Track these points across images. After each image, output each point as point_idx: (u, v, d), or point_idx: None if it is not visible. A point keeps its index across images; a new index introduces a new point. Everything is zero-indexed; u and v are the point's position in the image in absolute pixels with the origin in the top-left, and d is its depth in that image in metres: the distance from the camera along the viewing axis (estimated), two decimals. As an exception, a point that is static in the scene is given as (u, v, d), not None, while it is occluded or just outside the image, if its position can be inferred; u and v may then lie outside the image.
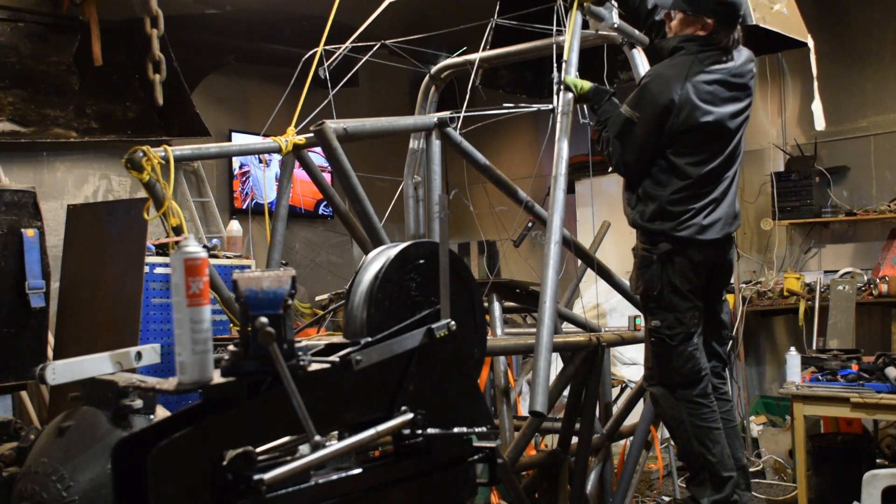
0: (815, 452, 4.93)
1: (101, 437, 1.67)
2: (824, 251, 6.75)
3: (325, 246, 7.92)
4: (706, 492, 3.19)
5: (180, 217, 3.04)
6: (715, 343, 3.43)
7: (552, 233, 3.05)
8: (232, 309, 3.43)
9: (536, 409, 2.70)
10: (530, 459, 3.70)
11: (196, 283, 1.46)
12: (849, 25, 6.71)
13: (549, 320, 2.88)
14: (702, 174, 3.16)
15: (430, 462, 1.70)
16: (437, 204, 3.56)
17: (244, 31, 6.79)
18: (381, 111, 7.09)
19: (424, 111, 4.31)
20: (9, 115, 5.50)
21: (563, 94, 3.38)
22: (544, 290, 2.95)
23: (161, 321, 4.60)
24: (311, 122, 3.41)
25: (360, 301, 1.77)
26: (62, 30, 5.80)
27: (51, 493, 1.61)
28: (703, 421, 3.19)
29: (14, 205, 3.83)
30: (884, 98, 6.55)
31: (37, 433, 1.98)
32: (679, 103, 3.09)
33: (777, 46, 5.04)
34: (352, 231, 3.87)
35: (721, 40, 3.17)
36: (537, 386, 2.71)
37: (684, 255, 3.18)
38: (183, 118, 6.12)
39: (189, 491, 1.33)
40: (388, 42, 4.21)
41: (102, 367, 1.89)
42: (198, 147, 3.50)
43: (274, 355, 1.39)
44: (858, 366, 4.51)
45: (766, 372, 6.94)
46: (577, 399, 3.64)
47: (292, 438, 1.60)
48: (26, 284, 3.80)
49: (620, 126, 3.21)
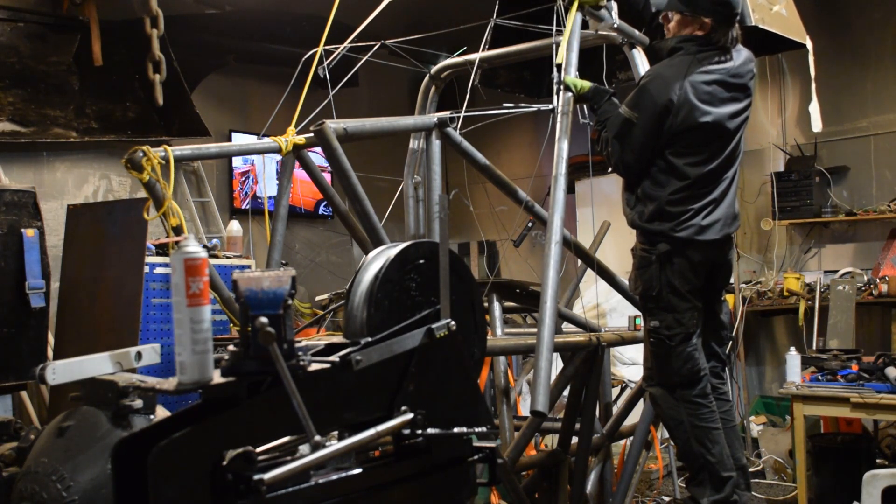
0: (815, 452, 4.93)
1: (101, 437, 1.67)
2: (824, 251, 6.75)
3: (325, 246, 7.92)
4: (706, 492, 3.19)
5: (180, 217, 3.04)
6: (714, 343, 3.43)
7: (553, 233, 3.05)
8: (232, 309, 3.43)
9: (538, 409, 2.70)
10: (530, 459, 3.70)
11: (196, 283, 1.46)
12: (848, 25, 6.71)
13: (549, 320, 2.88)
14: (701, 175, 3.16)
15: (430, 462, 1.70)
16: (437, 204, 3.56)
17: (244, 31, 6.79)
18: (381, 111, 7.10)
19: (424, 111, 4.31)
20: (9, 115, 5.50)
21: (563, 94, 3.38)
22: (545, 289, 2.95)
23: (161, 321, 4.60)
24: (311, 122, 3.40)
25: (360, 301, 1.77)
26: (62, 30, 5.80)
27: (51, 493, 1.61)
28: (702, 421, 3.19)
29: (14, 205, 3.83)
30: (884, 98, 6.55)
31: (37, 433, 1.98)
32: (678, 103, 3.10)
33: (776, 48, 5.04)
34: (352, 231, 3.87)
35: (719, 39, 3.18)
36: (538, 386, 2.71)
37: (683, 256, 3.18)
38: (183, 118, 6.12)
39: (189, 491, 1.33)
40: (388, 42, 4.21)
41: (102, 367, 1.89)
42: (198, 147, 3.50)
43: (274, 355, 1.39)
44: (858, 366, 4.51)
45: (766, 372, 6.94)
46: (577, 399, 3.64)
47: (292, 438, 1.60)
48: (26, 284, 3.80)
49: (619, 126, 3.21)
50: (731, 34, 3.21)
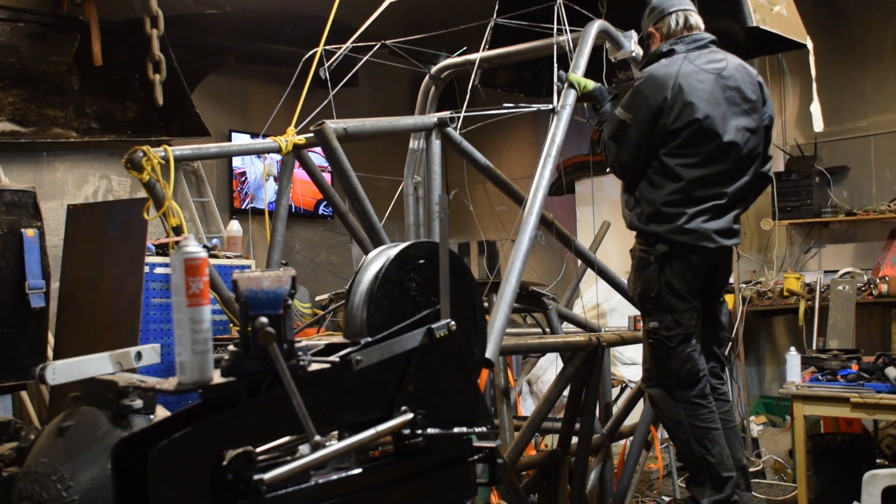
0: (815, 452, 4.93)
1: (101, 437, 1.67)
2: (824, 251, 6.75)
3: (325, 246, 7.92)
4: (706, 492, 3.19)
5: (180, 217, 3.05)
6: (713, 344, 3.43)
7: (533, 208, 3.15)
8: (232, 309, 3.43)
9: (486, 357, 2.66)
10: (530, 459, 3.70)
11: (196, 283, 1.46)
12: (849, 25, 6.71)
13: (514, 279, 2.96)
14: (695, 177, 3.15)
15: (430, 462, 1.70)
16: (437, 204, 3.56)
17: (244, 31, 6.79)
18: (381, 111, 7.09)
19: (424, 111, 4.31)
20: (9, 115, 5.50)
21: (566, 90, 3.42)
22: (513, 260, 3.01)
23: (161, 321, 4.60)
24: (311, 122, 3.41)
25: (360, 301, 1.77)
26: (62, 30, 5.80)
27: (51, 493, 1.61)
28: (701, 421, 3.19)
29: (14, 205, 3.82)
30: (884, 98, 6.55)
31: (37, 433, 1.98)
32: (671, 101, 3.12)
33: (776, 48, 5.05)
34: (352, 231, 3.87)
35: (677, 32, 3.31)
36: (491, 335, 2.71)
37: (682, 257, 3.18)
38: (183, 118, 6.12)
39: (189, 491, 1.33)
40: (388, 42, 4.21)
41: (102, 367, 1.89)
42: (198, 147, 3.51)
43: (274, 355, 1.39)
44: (858, 366, 4.51)
45: (766, 372, 6.94)
46: (577, 399, 3.65)
47: (292, 438, 1.60)
48: (26, 284, 3.80)
49: (614, 128, 3.24)
50: (689, 21, 3.33)
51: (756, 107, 3.27)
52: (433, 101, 4.36)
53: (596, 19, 3.73)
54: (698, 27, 3.35)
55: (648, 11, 3.43)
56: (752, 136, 3.25)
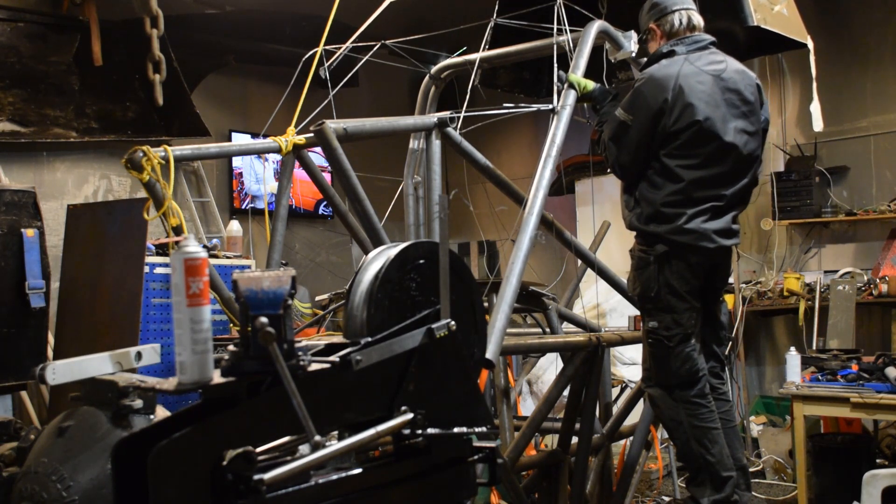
0: (815, 452, 4.93)
1: (101, 437, 1.67)
2: (824, 251, 6.75)
3: (325, 246, 7.92)
4: (706, 492, 3.19)
5: (180, 217, 3.05)
6: (713, 344, 3.43)
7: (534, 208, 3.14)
8: (232, 309, 3.43)
9: (487, 357, 2.66)
10: (530, 459, 3.70)
11: (196, 283, 1.46)
12: (849, 25, 6.71)
13: (515, 279, 2.95)
14: (695, 178, 3.15)
15: (430, 462, 1.70)
16: (437, 204, 3.56)
17: (244, 31, 6.79)
18: (381, 111, 7.09)
19: (424, 111, 4.31)
20: (9, 115, 5.50)
21: (566, 91, 3.42)
22: (515, 256, 3.01)
23: (161, 321, 4.60)
24: (311, 122, 3.41)
25: (360, 301, 1.76)
26: (62, 30, 5.80)
27: (51, 493, 1.61)
28: (701, 421, 3.19)
29: (14, 205, 3.83)
30: (884, 98, 6.55)
31: (37, 433, 1.98)
32: (671, 102, 3.11)
33: (777, 47, 5.05)
34: (352, 231, 3.87)
35: (678, 32, 3.30)
36: (492, 335, 2.71)
37: (681, 257, 3.18)
38: (183, 118, 6.12)
39: (189, 491, 1.33)
40: (388, 42, 4.21)
41: (102, 367, 1.88)
42: (198, 147, 3.50)
43: (274, 355, 1.39)
44: (858, 366, 4.51)
45: (766, 372, 6.93)
46: (577, 399, 3.64)
47: (292, 438, 1.60)
48: (26, 284, 3.80)
49: (615, 128, 3.25)
50: (692, 22, 3.33)
51: (754, 109, 3.27)
52: (433, 101, 4.36)
53: (596, 19, 3.73)
54: (699, 28, 3.35)
55: (649, 7, 3.41)
56: (751, 139, 3.25)
